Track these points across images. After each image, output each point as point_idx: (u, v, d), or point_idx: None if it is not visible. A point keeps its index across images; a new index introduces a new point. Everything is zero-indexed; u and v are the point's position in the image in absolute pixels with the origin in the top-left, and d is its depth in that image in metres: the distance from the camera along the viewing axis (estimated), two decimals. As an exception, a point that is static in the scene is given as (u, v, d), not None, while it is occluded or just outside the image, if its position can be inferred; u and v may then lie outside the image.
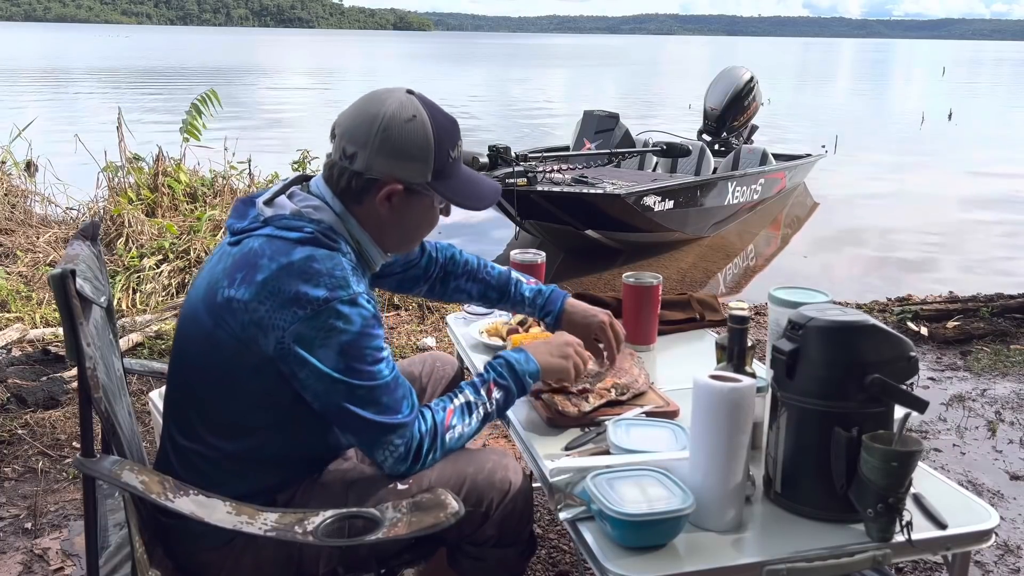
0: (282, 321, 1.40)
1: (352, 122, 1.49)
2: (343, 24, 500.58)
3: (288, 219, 1.47)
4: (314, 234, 1.45)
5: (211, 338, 1.46)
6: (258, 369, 1.44)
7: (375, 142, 1.46)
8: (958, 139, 16.34)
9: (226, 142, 6.49)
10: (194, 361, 1.52)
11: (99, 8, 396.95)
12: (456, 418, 1.54)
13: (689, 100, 17.47)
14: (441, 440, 1.52)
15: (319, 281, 1.40)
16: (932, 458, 3.12)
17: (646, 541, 1.30)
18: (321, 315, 1.39)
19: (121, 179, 6.23)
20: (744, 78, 8.74)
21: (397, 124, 1.46)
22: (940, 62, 67.68)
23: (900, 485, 1.29)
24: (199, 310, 1.49)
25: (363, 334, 1.42)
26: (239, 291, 1.42)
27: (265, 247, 1.44)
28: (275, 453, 1.53)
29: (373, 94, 1.52)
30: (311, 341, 1.40)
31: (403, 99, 1.49)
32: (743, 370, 1.53)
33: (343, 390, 1.42)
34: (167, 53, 53.66)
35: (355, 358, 1.42)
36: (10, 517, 2.65)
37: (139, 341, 4.00)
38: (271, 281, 1.40)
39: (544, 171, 6.22)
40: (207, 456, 1.52)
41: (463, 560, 1.62)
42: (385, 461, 1.49)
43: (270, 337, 1.41)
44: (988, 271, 6.77)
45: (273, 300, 1.40)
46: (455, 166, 1.55)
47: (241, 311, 1.42)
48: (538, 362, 1.65)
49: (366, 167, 1.48)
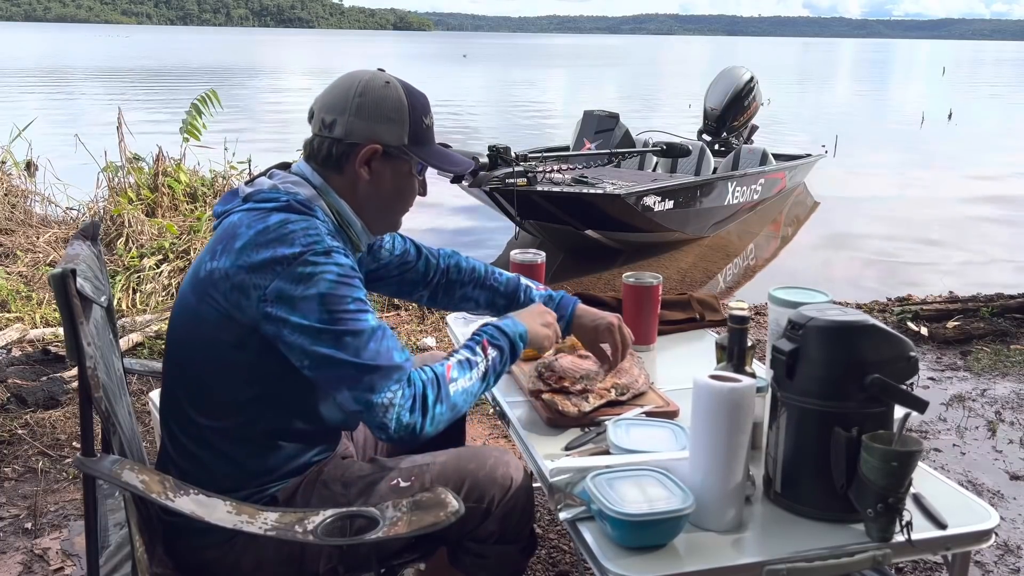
0: (262, 281, 1.41)
1: (329, 95, 1.56)
2: (343, 24, 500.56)
3: (265, 192, 1.52)
4: (288, 202, 1.49)
5: (196, 315, 1.48)
6: (242, 342, 1.45)
7: (352, 107, 1.52)
8: (958, 139, 16.35)
9: (226, 142, 6.49)
10: (182, 343, 1.54)
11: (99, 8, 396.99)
12: (456, 371, 1.49)
13: (689, 100, 17.47)
14: (446, 391, 1.46)
15: (293, 240, 1.43)
16: (932, 458, 3.12)
17: (646, 541, 1.30)
18: (296, 266, 1.40)
19: (121, 179, 6.23)
20: (744, 78, 8.74)
21: (373, 88, 1.53)
22: (940, 62, 67.70)
23: (900, 485, 1.29)
24: (186, 292, 1.53)
25: (341, 283, 1.42)
26: (220, 261, 1.46)
27: (243, 218, 1.49)
28: (266, 429, 1.53)
29: (345, 74, 1.58)
30: (291, 296, 1.40)
31: (375, 72, 1.58)
32: (743, 370, 1.54)
33: (328, 339, 1.39)
34: (167, 53, 53.65)
35: (336, 306, 1.41)
36: (10, 517, 2.65)
37: (139, 341, 4.01)
38: (248, 246, 1.43)
39: (544, 171, 6.22)
40: (200, 439, 1.53)
41: (464, 557, 1.62)
42: (387, 416, 1.39)
43: (252, 298, 1.42)
44: (988, 271, 6.77)
45: (252, 263, 1.42)
46: (429, 134, 1.60)
47: (222, 280, 1.44)
48: (525, 325, 1.64)
49: (345, 132, 1.53)
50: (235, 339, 1.45)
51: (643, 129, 8.77)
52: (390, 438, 1.42)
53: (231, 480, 1.51)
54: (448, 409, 1.46)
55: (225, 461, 1.52)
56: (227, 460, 1.52)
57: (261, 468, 1.54)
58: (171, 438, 1.58)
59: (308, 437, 1.58)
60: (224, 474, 1.51)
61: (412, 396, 1.42)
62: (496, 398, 1.84)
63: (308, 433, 1.58)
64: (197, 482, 1.42)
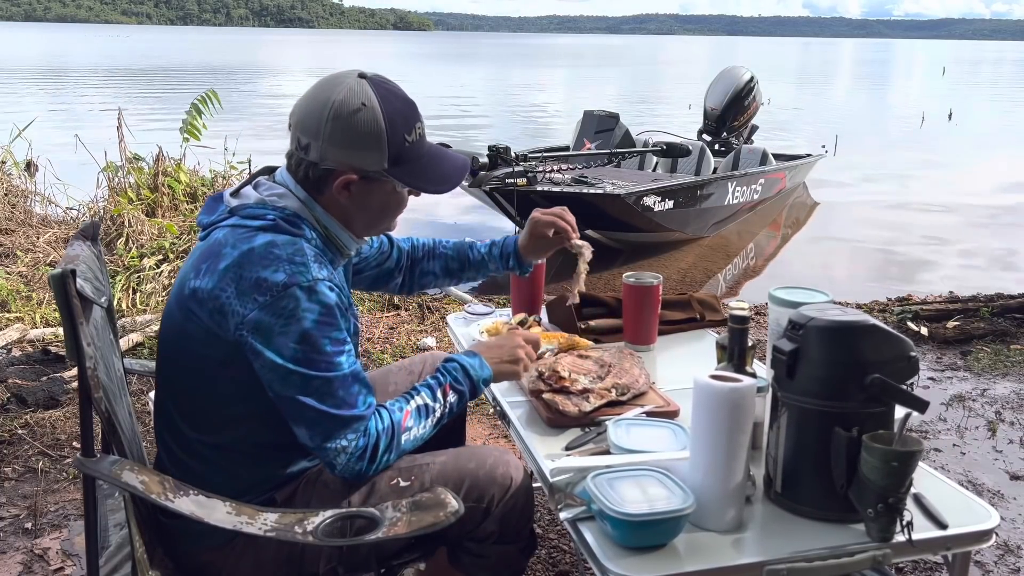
0: (242, 308, 1.39)
1: (303, 111, 1.48)
2: (343, 24, 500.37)
3: (252, 208, 1.48)
4: (276, 221, 1.45)
5: (183, 332, 1.47)
6: (227, 360, 1.44)
7: (325, 131, 1.45)
8: (958, 139, 16.34)
9: (226, 142, 6.49)
10: (170, 359, 1.54)
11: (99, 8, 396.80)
12: (412, 419, 1.52)
13: (689, 100, 17.47)
14: (397, 441, 1.49)
15: (279, 267, 1.40)
16: (932, 458, 3.12)
17: (646, 541, 1.30)
18: (279, 300, 1.38)
19: (121, 179, 6.22)
20: (744, 78, 8.74)
21: (345, 114, 1.44)
22: (940, 62, 67.67)
23: (900, 485, 1.29)
24: (172, 306, 1.51)
25: (321, 323, 1.40)
26: (203, 281, 1.43)
27: (229, 236, 1.45)
28: (259, 442, 1.52)
29: (324, 81, 1.49)
30: (269, 329, 1.38)
31: (353, 86, 1.46)
32: (743, 370, 1.53)
33: (297, 381, 1.40)
34: (167, 53, 53.63)
35: (312, 348, 1.40)
36: (10, 517, 2.65)
37: (139, 341, 4.00)
38: (232, 268, 1.41)
39: (544, 171, 6.22)
40: (192, 452, 1.52)
41: (464, 557, 1.62)
42: (337, 459, 1.44)
43: (230, 323, 1.41)
44: (988, 271, 6.77)
45: (234, 286, 1.40)
46: (414, 148, 1.51)
47: (206, 300, 1.43)
48: (491, 368, 1.64)
49: (320, 157, 1.47)
50: (222, 356, 1.44)
51: (643, 129, 8.77)
52: (335, 475, 1.48)
53: (227, 489, 1.48)
54: (396, 456, 1.51)
55: (218, 472, 1.52)
56: (220, 471, 1.52)
57: (256, 477, 1.54)
58: (165, 449, 1.57)
59: (302, 446, 1.56)
60: (218, 483, 1.48)
61: (364, 446, 1.45)
62: (496, 398, 1.84)
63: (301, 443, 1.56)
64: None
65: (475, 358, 1.63)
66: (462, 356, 1.64)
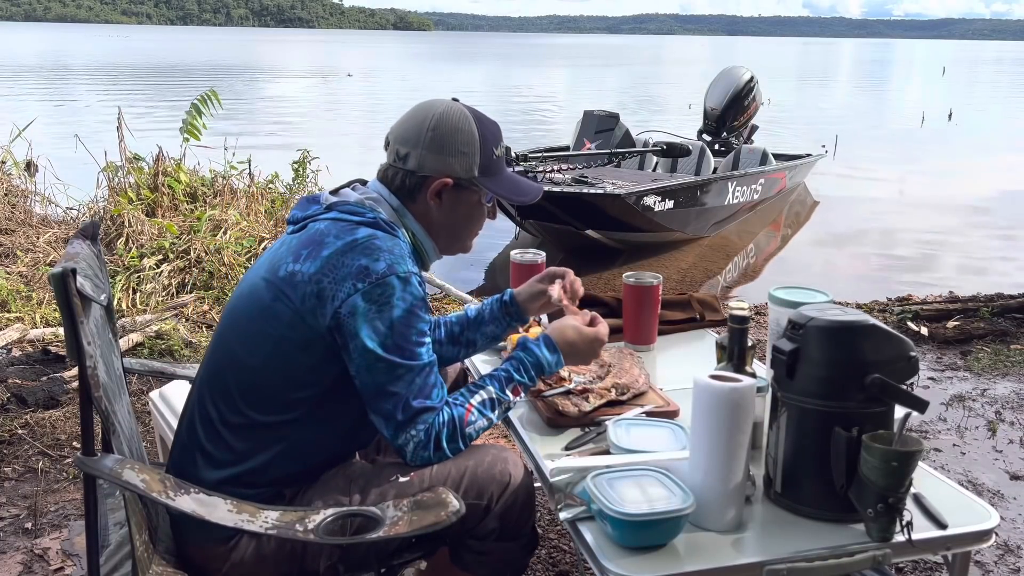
0: (342, 292, 1.48)
1: (403, 127, 1.62)
2: (343, 24, 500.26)
3: (352, 205, 1.59)
4: (375, 219, 1.57)
5: (268, 311, 1.53)
6: (308, 344, 1.51)
7: (425, 140, 1.59)
8: (958, 139, 16.34)
9: (226, 142, 6.48)
10: (244, 334, 1.57)
11: (99, 8, 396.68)
12: (476, 413, 1.58)
13: (689, 100, 17.47)
14: (462, 431, 1.56)
15: (380, 256, 1.50)
16: (932, 458, 3.12)
17: (646, 541, 1.30)
18: (378, 287, 1.47)
19: (121, 179, 6.22)
20: (744, 78, 8.74)
21: (445, 123, 1.60)
22: (940, 62, 67.70)
23: (900, 485, 1.29)
24: (258, 286, 1.56)
25: (412, 313, 1.50)
26: (304, 265, 1.52)
27: (331, 227, 1.55)
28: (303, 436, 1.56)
29: (421, 104, 1.65)
30: (364, 314, 1.47)
31: (449, 104, 1.64)
32: (743, 370, 1.54)
33: (384, 367, 1.48)
34: (167, 53, 53.65)
35: (401, 336, 1.49)
36: (10, 517, 2.65)
37: (139, 341, 4.00)
38: (336, 255, 1.50)
39: (544, 171, 6.23)
40: (237, 427, 1.54)
41: (466, 555, 1.62)
42: (407, 446, 1.52)
43: (328, 307, 1.48)
44: (988, 271, 6.77)
45: (336, 272, 1.49)
46: (499, 164, 1.67)
47: (304, 283, 1.50)
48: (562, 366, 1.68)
49: (418, 165, 1.60)
50: (302, 340, 1.51)
51: (643, 129, 8.77)
52: (406, 463, 1.56)
53: (251, 475, 1.53)
54: (462, 445, 1.58)
55: (252, 454, 1.54)
56: (254, 456, 1.54)
57: (282, 472, 1.56)
58: (204, 421, 1.58)
59: (341, 450, 1.64)
60: (250, 468, 1.53)
61: (428, 435, 1.53)
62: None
63: (336, 444, 1.63)
64: (218, 466, 1.50)
65: (555, 355, 1.66)
66: (545, 350, 1.65)
